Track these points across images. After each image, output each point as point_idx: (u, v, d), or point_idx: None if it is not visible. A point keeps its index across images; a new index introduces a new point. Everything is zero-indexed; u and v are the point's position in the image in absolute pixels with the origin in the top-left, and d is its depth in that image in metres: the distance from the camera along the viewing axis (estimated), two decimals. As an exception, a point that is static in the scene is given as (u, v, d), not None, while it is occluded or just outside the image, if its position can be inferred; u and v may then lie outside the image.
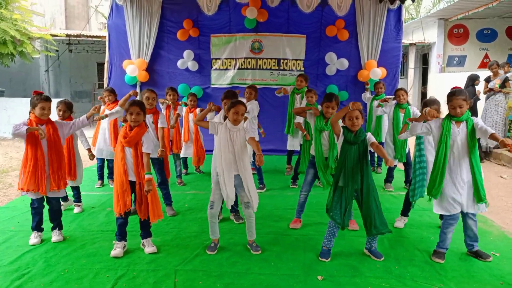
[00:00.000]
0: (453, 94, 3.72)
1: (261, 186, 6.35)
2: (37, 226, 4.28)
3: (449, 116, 3.77)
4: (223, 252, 4.05)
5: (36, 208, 4.22)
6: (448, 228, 3.88)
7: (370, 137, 3.84)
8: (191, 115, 6.88)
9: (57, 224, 4.34)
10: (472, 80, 8.76)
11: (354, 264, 3.79)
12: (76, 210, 5.23)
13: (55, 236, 4.29)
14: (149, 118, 5.01)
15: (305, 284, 3.44)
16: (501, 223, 4.98)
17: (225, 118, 4.15)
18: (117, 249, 3.95)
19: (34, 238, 4.23)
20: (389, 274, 3.61)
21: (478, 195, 3.70)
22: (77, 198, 5.26)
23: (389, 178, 6.46)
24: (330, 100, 4.58)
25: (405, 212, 4.85)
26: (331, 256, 3.94)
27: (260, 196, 5.10)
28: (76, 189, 5.20)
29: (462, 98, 3.68)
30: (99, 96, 6.53)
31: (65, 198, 5.20)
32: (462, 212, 3.82)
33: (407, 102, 6.22)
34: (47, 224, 4.35)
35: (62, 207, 5.17)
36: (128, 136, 3.87)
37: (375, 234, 3.77)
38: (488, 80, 9.01)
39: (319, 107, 5.65)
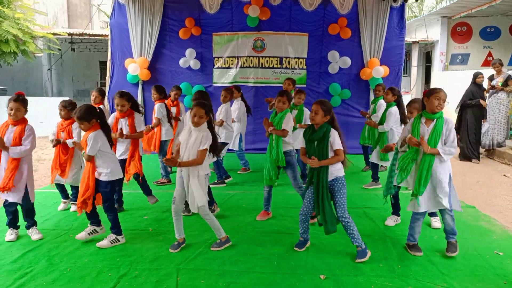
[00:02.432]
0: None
1: (219, 181, 6.48)
2: (12, 223, 4.35)
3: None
4: (225, 251, 4.04)
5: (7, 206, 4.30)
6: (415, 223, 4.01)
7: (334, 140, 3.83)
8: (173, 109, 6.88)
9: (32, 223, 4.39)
10: (474, 77, 8.72)
11: (356, 263, 3.78)
12: (73, 208, 5.23)
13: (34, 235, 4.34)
14: (122, 121, 5.03)
15: (307, 283, 3.43)
16: (504, 222, 4.96)
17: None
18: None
19: (9, 234, 4.31)
20: (392, 273, 3.60)
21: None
22: (75, 197, 5.26)
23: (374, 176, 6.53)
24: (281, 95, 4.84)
25: (395, 211, 4.87)
26: (333, 255, 3.94)
27: (262, 194, 5.11)
28: (75, 188, 5.19)
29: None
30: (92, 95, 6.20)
31: (66, 196, 5.24)
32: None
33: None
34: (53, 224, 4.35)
35: (63, 206, 5.21)
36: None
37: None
38: (491, 78, 8.97)
39: (305, 109, 5.80)
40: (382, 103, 6.70)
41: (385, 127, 5.99)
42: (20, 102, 4.13)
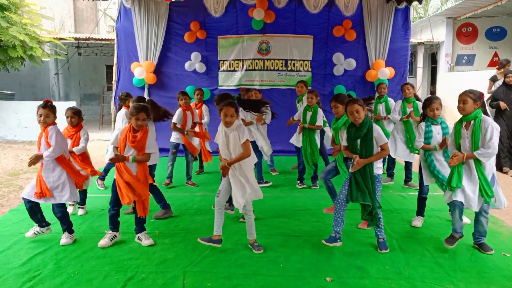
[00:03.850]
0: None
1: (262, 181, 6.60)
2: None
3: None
4: (232, 254, 4.06)
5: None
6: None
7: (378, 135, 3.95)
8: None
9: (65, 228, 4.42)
10: (504, 76, 8.43)
11: (362, 265, 3.78)
12: (80, 212, 5.27)
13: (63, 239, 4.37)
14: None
15: (313, 285, 3.44)
16: (511, 223, 4.93)
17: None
18: (105, 239, 4.25)
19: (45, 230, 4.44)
20: (398, 275, 3.59)
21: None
22: (82, 200, 5.29)
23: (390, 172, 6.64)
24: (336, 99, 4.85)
25: (420, 211, 4.86)
26: (339, 257, 3.95)
27: (268, 197, 5.12)
28: (83, 192, 5.23)
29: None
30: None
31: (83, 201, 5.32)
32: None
33: (415, 96, 6.35)
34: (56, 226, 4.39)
35: (70, 210, 5.21)
36: (136, 140, 4.11)
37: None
38: (494, 79, 8.83)
39: (320, 110, 5.85)
40: (392, 101, 6.72)
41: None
42: (48, 108, 4.19)
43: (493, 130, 3.72)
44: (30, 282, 3.48)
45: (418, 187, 5.18)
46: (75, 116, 4.90)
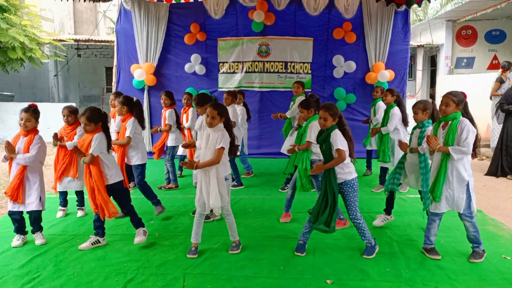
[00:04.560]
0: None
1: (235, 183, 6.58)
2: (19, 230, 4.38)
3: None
4: (232, 256, 4.04)
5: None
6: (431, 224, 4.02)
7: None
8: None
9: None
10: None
11: (363, 267, 3.77)
12: (80, 214, 5.26)
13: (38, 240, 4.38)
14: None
15: (314, 287, 3.43)
16: (512, 226, 4.94)
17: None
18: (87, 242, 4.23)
19: (16, 240, 4.34)
20: (399, 277, 3.58)
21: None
22: (80, 202, 5.28)
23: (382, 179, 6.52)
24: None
25: (388, 209, 4.89)
26: (340, 259, 3.94)
27: (268, 199, 5.12)
28: (80, 194, 5.22)
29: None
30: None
31: (65, 204, 5.29)
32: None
33: (396, 101, 6.23)
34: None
35: (61, 213, 5.20)
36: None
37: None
38: (501, 81, 8.79)
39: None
40: (381, 105, 6.73)
41: (389, 127, 6.00)
42: (30, 112, 4.18)
43: (469, 131, 3.72)
44: (29, 284, 3.46)
45: (407, 190, 5.19)
46: (72, 115, 4.94)
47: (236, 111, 6.65)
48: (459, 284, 3.46)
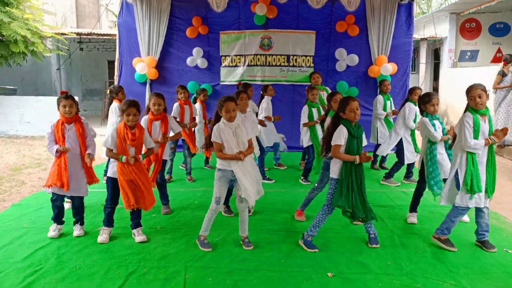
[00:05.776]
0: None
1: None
2: (57, 219, 4.39)
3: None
4: (233, 249, 4.06)
5: (54, 201, 4.33)
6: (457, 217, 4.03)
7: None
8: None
9: (78, 219, 4.45)
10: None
11: (364, 260, 3.77)
12: (67, 206, 5.22)
13: (76, 231, 4.40)
14: (156, 124, 5.03)
15: (315, 281, 3.43)
16: (514, 219, 4.92)
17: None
18: (103, 235, 4.24)
19: (52, 230, 4.35)
20: (400, 271, 3.58)
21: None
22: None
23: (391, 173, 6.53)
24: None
25: (413, 208, 4.84)
26: (341, 253, 3.94)
27: (270, 192, 5.11)
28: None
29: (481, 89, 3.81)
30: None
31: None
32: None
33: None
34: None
35: (68, 205, 5.20)
36: (135, 137, 4.11)
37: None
38: (503, 74, 8.73)
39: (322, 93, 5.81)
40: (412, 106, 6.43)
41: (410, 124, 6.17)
42: (70, 98, 4.20)
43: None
44: (32, 277, 3.48)
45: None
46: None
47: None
48: (460, 277, 3.46)
